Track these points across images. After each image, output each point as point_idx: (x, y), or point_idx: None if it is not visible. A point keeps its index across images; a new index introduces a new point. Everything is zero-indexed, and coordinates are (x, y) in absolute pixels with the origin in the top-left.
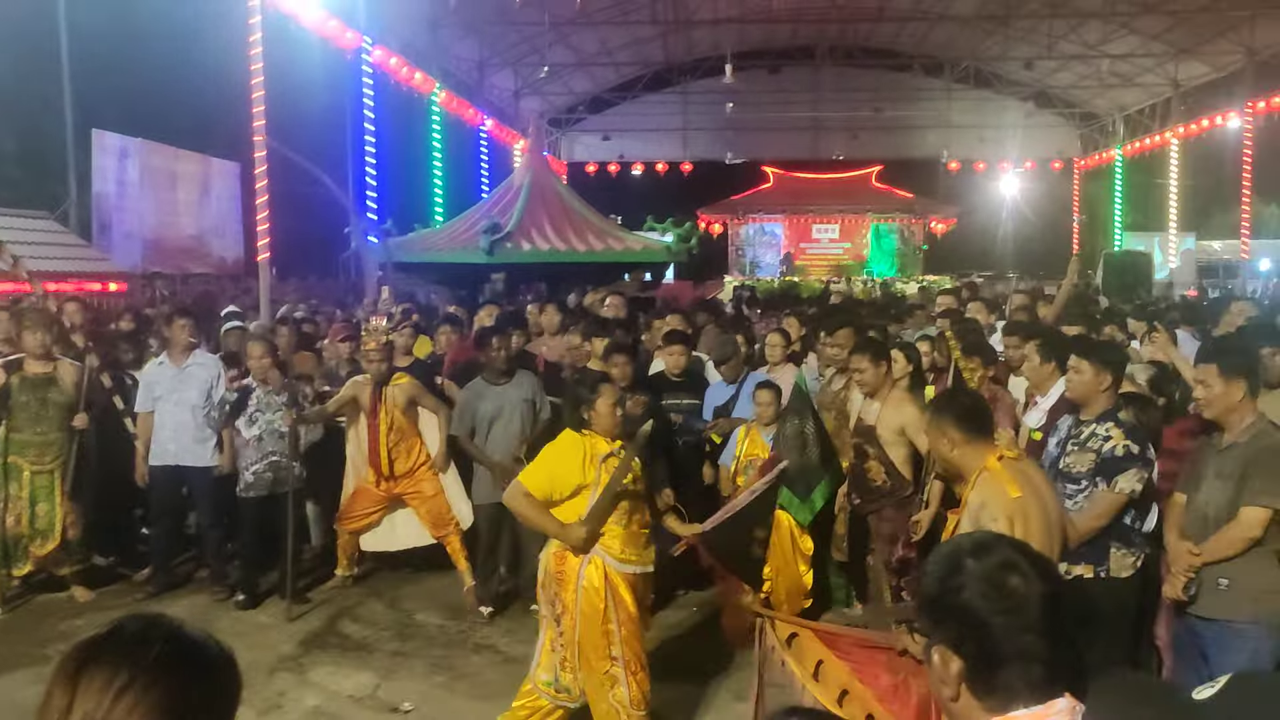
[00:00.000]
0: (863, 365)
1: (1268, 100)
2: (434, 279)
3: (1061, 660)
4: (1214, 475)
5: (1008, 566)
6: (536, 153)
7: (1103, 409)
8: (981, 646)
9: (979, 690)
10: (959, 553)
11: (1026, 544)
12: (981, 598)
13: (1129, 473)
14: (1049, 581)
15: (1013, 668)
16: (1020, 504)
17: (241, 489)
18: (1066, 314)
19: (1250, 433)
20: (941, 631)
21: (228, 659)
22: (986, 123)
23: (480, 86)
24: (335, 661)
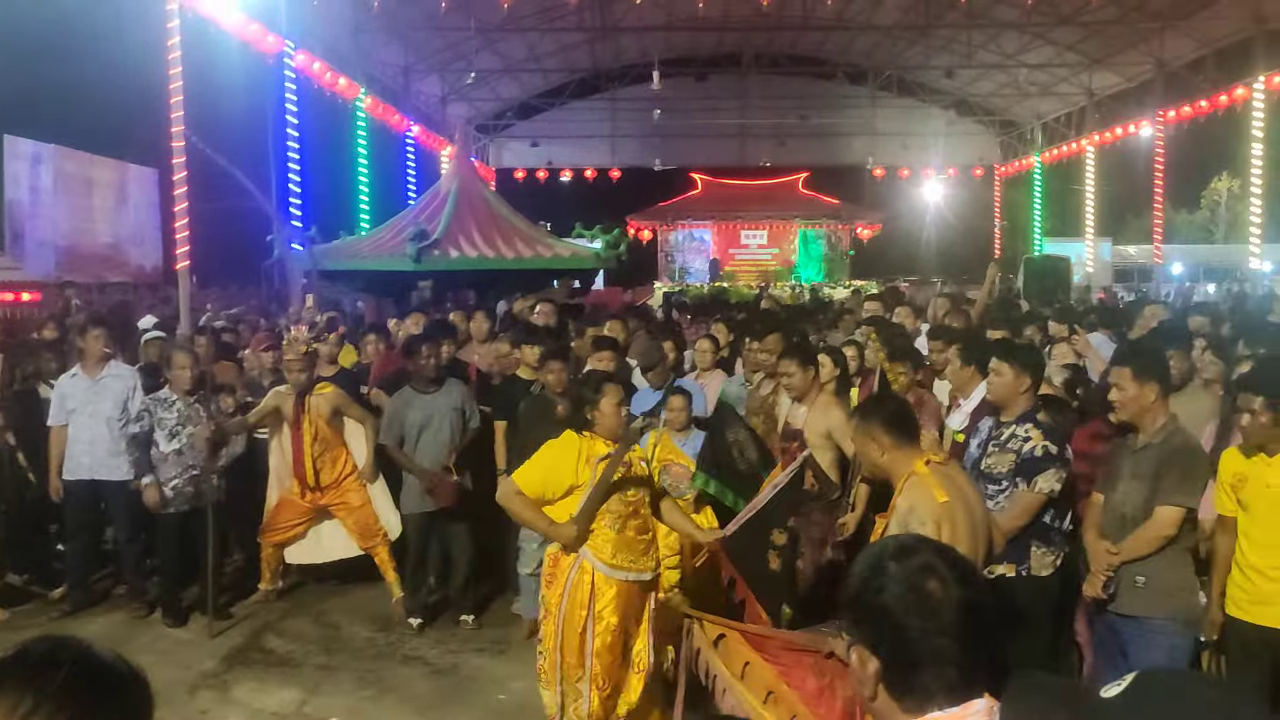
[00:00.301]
0: (791, 370)
1: (1177, 110)
2: (360, 287)
3: (978, 663)
4: (1130, 475)
5: (927, 570)
6: (464, 159)
7: (1022, 410)
8: (897, 648)
9: (895, 691)
10: (882, 555)
11: (949, 548)
12: (899, 600)
13: (1048, 473)
14: (968, 586)
15: (928, 670)
16: (947, 508)
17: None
18: (989, 318)
19: (1163, 434)
20: (860, 632)
21: (139, 680)
22: (910, 130)
23: (406, 92)
24: (259, 678)
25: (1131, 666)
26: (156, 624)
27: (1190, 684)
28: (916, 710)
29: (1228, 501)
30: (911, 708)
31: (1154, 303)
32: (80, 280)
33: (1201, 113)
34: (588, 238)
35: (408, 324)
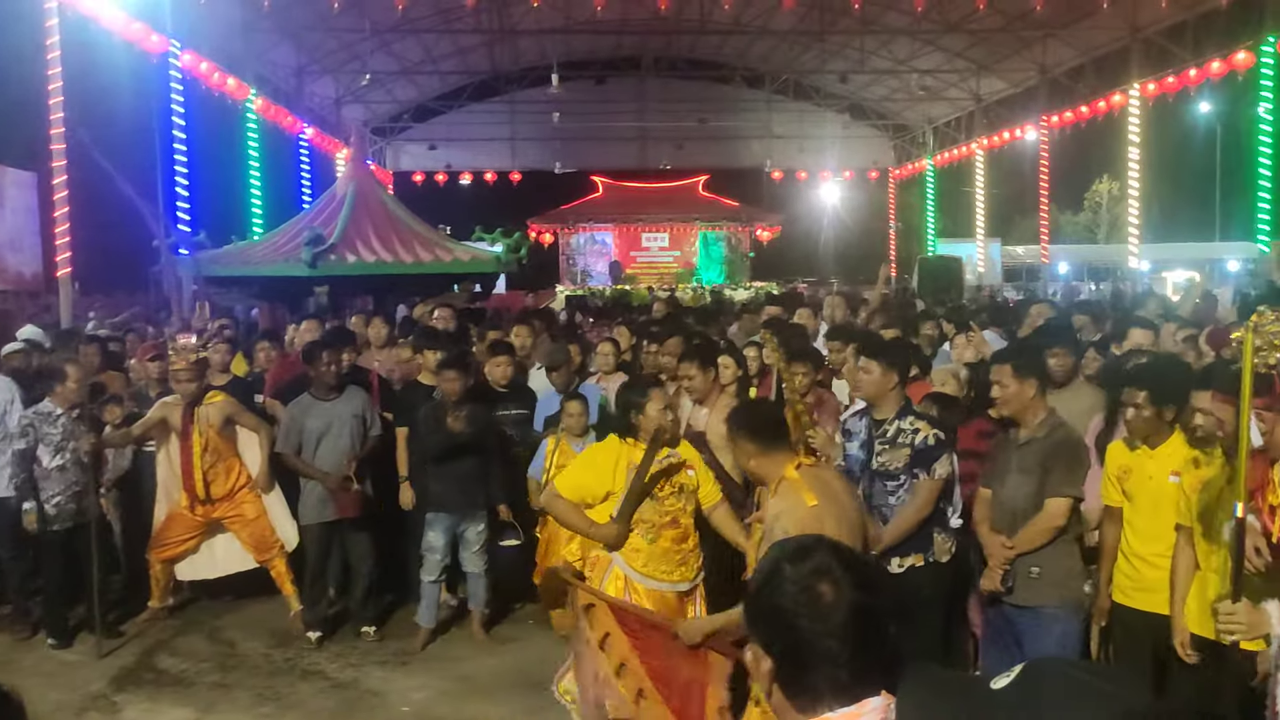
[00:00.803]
0: (691, 372)
1: (1060, 115)
2: (253, 293)
3: (870, 664)
4: (1016, 470)
5: (820, 573)
6: (359, 162)
7: (896, 406)
8: (789, 649)
9: (788, 690)
10: (780, 557)
11: (848, 551)
12: (791, 602)
13: (942, 459)
14: (861, 589)
15: (818, 671)
16: (815, 512)
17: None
18: (884, 318)
19: (1045, 428)
20: (756, 631)
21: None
22: (806, 133)
23: (299, 94)
24: (151, 698)
25: (1026, 655)
26: (41, 645)
27: (1076, 672)
28: (809, 709)
29: (1113, 492)
30: (804, 706)
31: (1040, 301)
32: None
33: (1082, 118)
34: (488, 241)
35: (302, 331)
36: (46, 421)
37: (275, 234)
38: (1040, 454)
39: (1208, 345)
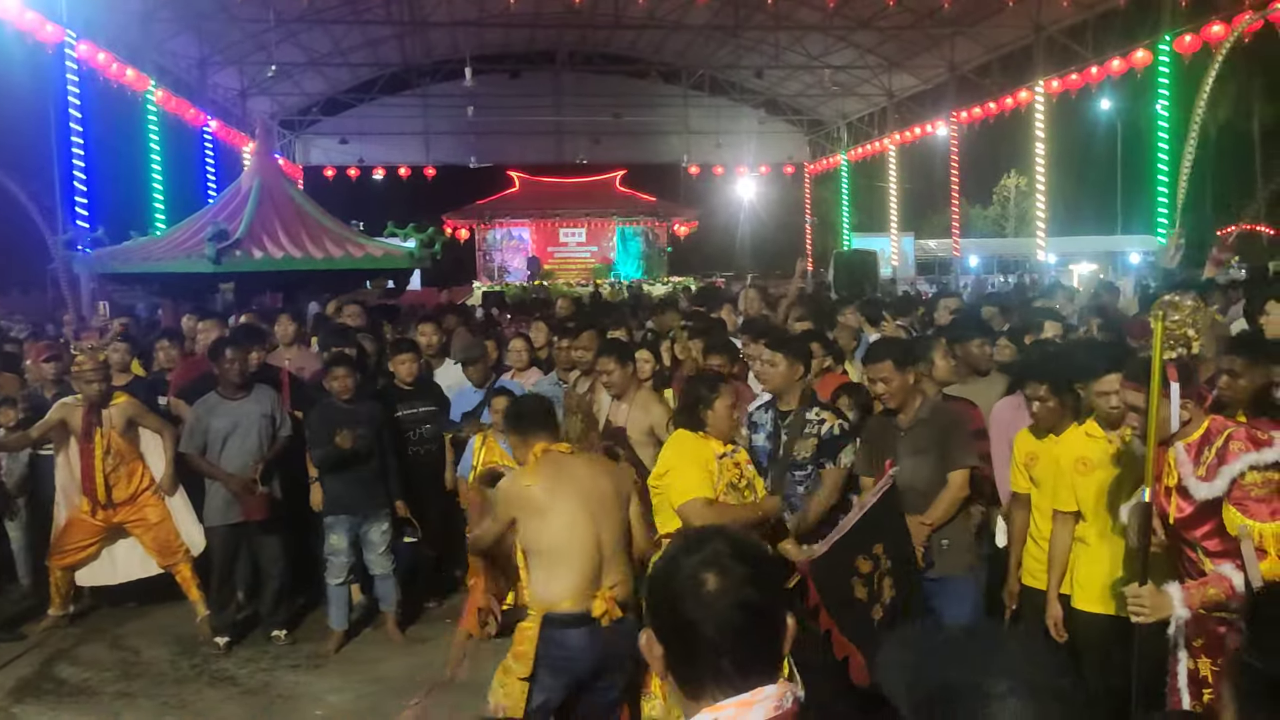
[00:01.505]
0: (610, 367)
1: (969, 111)
2: (155, 291)
3: (754, 655)
4: (911, 453)
5: (708, 563)
6: (265, 155)
7: (800, 397)
8: (674, 637)
9: (676, 676)
10: (678, 546)
11: (748, 545)
12: (678, 591)
13: (847, 448)
14: (750, 584)
15: (702, 659)
16: (529, 492)
17: None
18: (800, 310)
19: (926, 410)
20: (651, 618)
21: None
22: (723, 129)
23: (202, 85)
24: (51, 709)
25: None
26: None
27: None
28: (696, 695)
29: (1021, 479)
30: (691, 693)
31: (950, 295)
32: None
33: (991, 114)
34: (400, 237)
35: (203, 330)
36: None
37: (177, 229)
38: (933, 434)
39: (1129, 336)
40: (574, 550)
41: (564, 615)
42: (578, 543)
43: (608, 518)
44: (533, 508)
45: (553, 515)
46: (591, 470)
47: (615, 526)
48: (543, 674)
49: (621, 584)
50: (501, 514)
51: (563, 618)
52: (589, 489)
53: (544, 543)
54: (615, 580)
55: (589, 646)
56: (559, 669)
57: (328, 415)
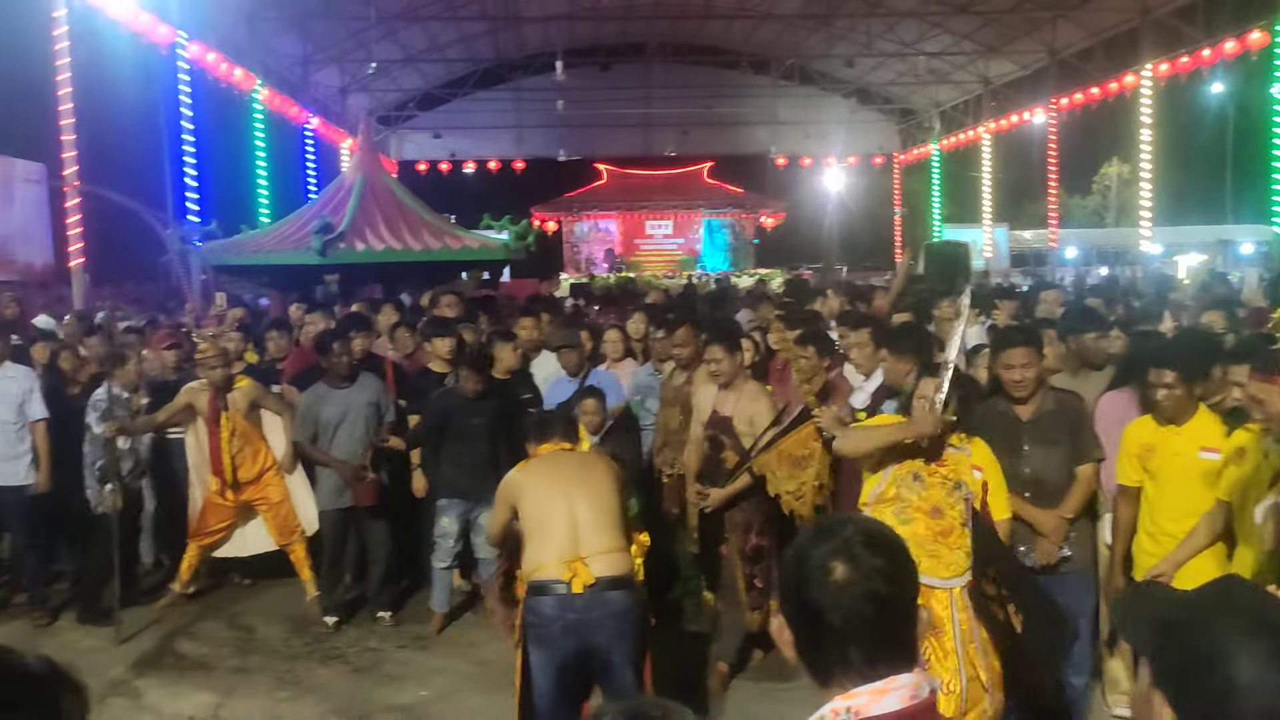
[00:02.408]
0: (718, 355)
1: (1069, 96)
2: (264, 282)
3: (882, 645)
4: (1035, 444)
5: (837, 552)
6: (367, 150)
7: None
8: (803, 624)
9: (805, 662)
10: (811, 534)
11: (879, 535)
12: (806, 579)
13: None
14: (879, 575)
15: (828, 647)
16: (515, 477)
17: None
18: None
19: (1053, 400)
20: (784, 605)
21: (57, 688)
22: (811, 119)
23: (305, 83)
24: (172, 683)
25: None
26: (61, 632)
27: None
28: (825, 683)
29: (1133, 471)
30: (821, 680)
31: (1051, 287)
32: None
33: (1093, 100)
34: (495, 229)
35: (310, 319)
36: (118, 404)
37: (284, 223)
38: (1060, 425)
39: (1251, 327)
40: (547, 522)
41: (537, 583)
42: (550, 514)
43: (582, 490)
44: (518, 491)
45: (530, 493)
46: (578, 459)
47: (593, 501)
48: (531, 647)
49: (606, 556)
50: (499, 503)
51: (536, 585)
52: (566, 470)
53: (526, 519)
54: (596, 551)
55: (559, 614)
56: (539, 638)
57: (448, 403)
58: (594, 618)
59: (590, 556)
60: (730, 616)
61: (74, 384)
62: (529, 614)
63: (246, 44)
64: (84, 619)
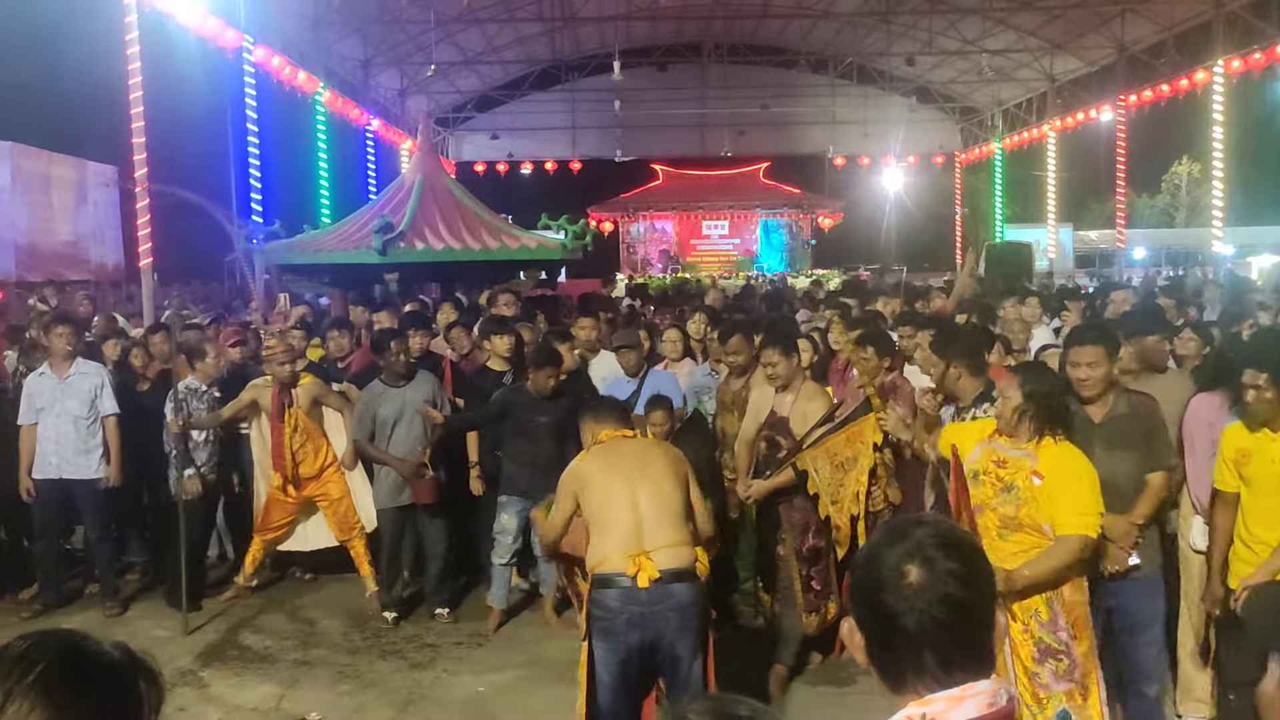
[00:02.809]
0: (774, 359)
1: (1138, 93)
2: (324, 281)
3: (956, 651)
4: (1107, 447)
5: (911, 554)
6: (427, 150)
7: (974, 394)
8: (875, 626)
9: (877, 666)
10: (883, 535)
11: (956, 538)
12: (879, 582)
13: None
14: (954, 578)
15: (901, 651)
16: (579, 466)
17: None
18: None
19: (1125, 403)
20: (852, 603)
21: (138, 672)
22: (870, 118)
23: (365, 86)
24: (236, 674)
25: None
26: (131, 621)
27: None
28: (897, 689)
29: (1229, 477)
30: (893, 686)
31: (1119, 288)
32: (39, 279)
33: (1162, 96)
34: (553, 229)
35: (377, 319)
36: (194, 396)
37: (345, 223)
38: (1133, 429)
39: None
40: (611, 514)
41: (602, 575)
42: (614, 506)
43: (646, 482)
44: (582, 481)
45: (595, 484)
46: (641, 447)
47: (657, 492)
48: (596, 640)
49: (670, 549)
50: (562, 495)
51: (601, 578)
52: (631, 460)
53: (590, 510)
54: (660, 545)
55: (623, 608)
56: (604, 631)
57: (511, 399)
58: (658, 611)
59: (655, 550)
60: (788, 619)
61: (144, 380)
62: (594, 606)
63: (310, 48)
64: (172, 603)
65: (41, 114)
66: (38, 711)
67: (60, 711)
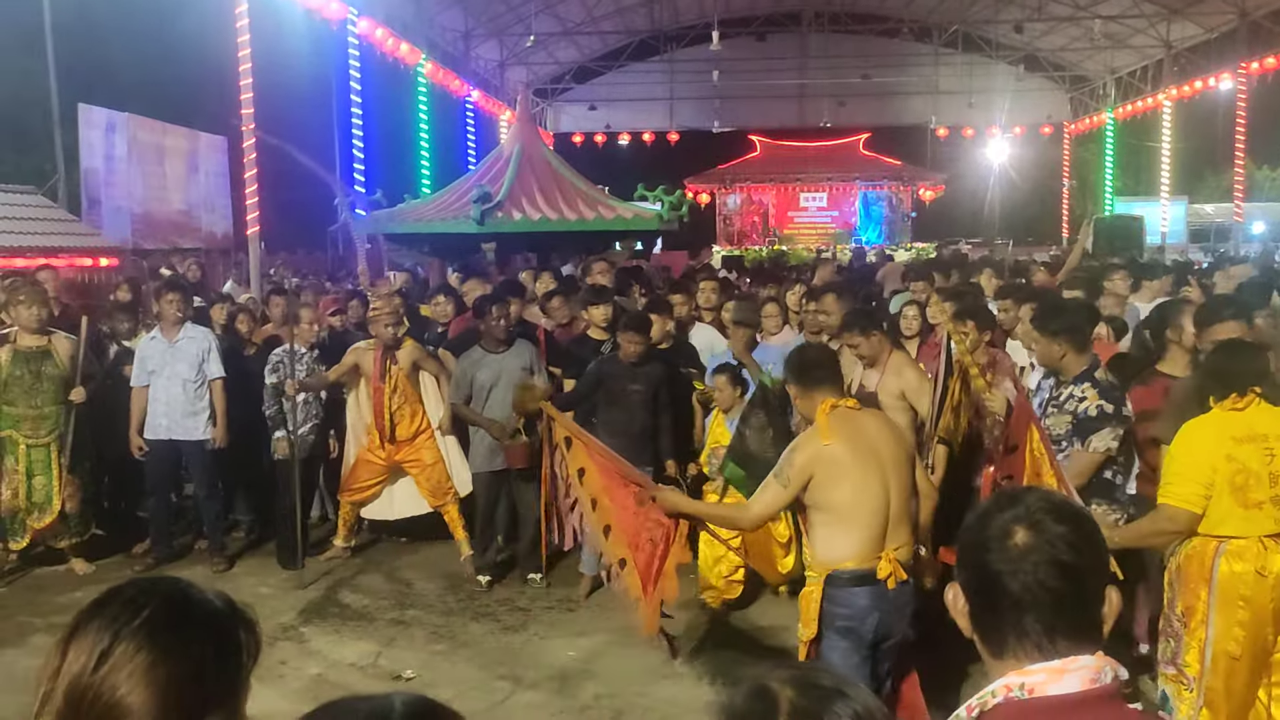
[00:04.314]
0: (854, 341)
1: (1261, 61)
2: (425, 250)
3: (1061, 620)
4: None
5: (1020, 519)
6: (525, 121)
7: (1076, 371)
8: (979, 588)
9: (979, 630)
10: (994, 499)
11: (1065, 506)
12: (987, 542)
13: (1103, 432)
14: (1063, 543)
15: (1005, 616)
16: (828, 450)
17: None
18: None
19: None
20: (958, 568)
21: (238, 621)
22: (975, 88)
23: (466, 57)
24: (336, 630)
25: None
26: (238, 577)
27: None
28: (997, 654)
29: None
30: (994, 650)
31: (1237, 261)
32: (154, 247)
33: None
34: (650, 199)
35: (468, 286)
36: (291, 359)
37: (444, 193)
38: None
39: None
40: (864, 509)
41: (847, 574)
42: (869, 502)
43: (896, 477)
44: (832, 467)
45: (848, 474)
46: (880, 427)
47: (903, 487)
48: (829, 635)
49: (905, 546)
50: (798, 476)
51: (846, 576)
52: (880, 447)
53: (835, 501)
54: (900, 542)
55: (873, 607)
56: (844, 630)
57: (604, 369)
58: (900, 610)
59: (898, 548)
60: None
61: (250, 345)
62: (836, 605)
63: (412, 20)
64: (277, 561)
65: (156, 87)
66: (143, 654)
67: (164, 654)
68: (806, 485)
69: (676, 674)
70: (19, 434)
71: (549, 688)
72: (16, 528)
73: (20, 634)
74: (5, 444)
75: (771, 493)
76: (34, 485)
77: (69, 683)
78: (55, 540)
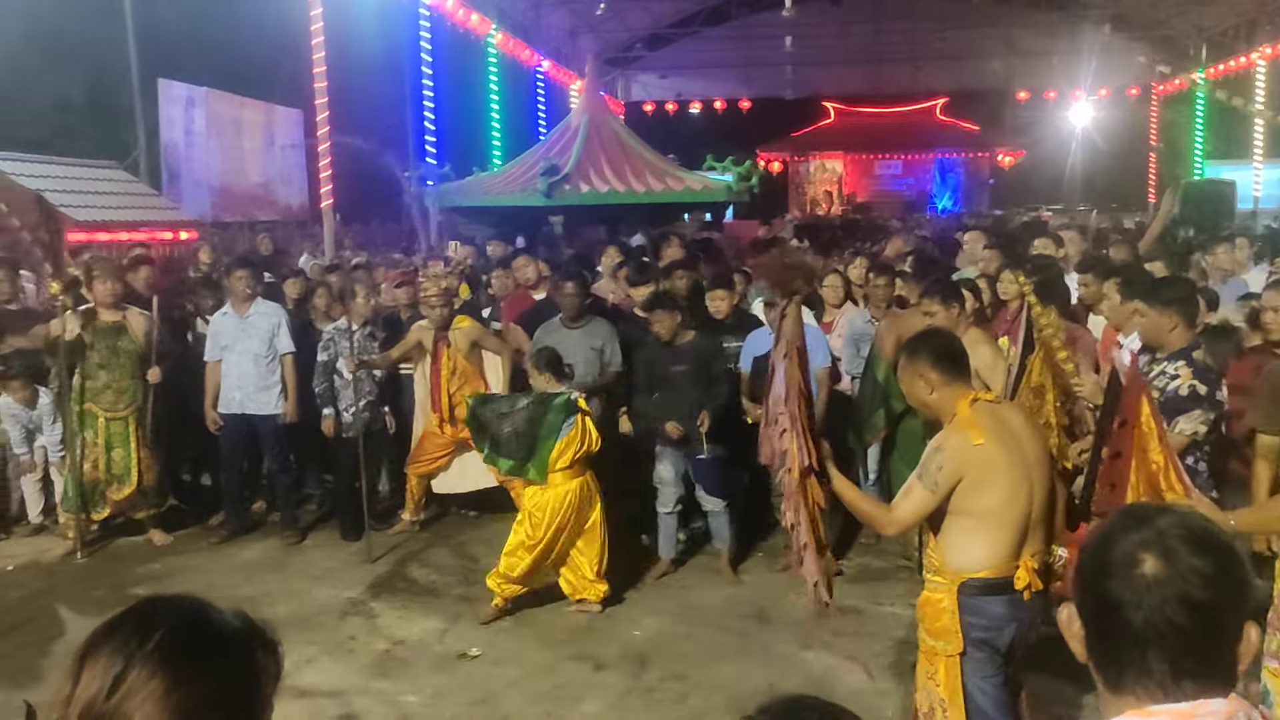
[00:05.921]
0: (934, 309)
1: None
2: (492, 223)
3: (1194, 659)
4: None
5: (1149, 544)
6: (593, 92)
7: (1177, 347)
8: (1096, 615)
9: (1095, 659)
10: (1122, 516)
11: (1200, 528)
12: (1109, 568)
13: (1192, 414)
14: (1198, 578)
15: (1123, 648)
16: (980, 452)
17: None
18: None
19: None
20: (1077, 593)
21: (258, 644)
22: (1058, 49)
23: (537, 26)
24: (404, 605)
25: None
26: (309, 550)
27: None
28: (1115, 689)
29: None
30: (1112, 685)
31: None
32: (232, 220)
33: None
34: (718, 170)
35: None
36: (344, 336)
37: (512, 165)
38: None
39: None
40: (1007, 516)
41: (982, 582)
42: (1015, 508)
43: (1041, 478)
44: (984, 470)
45: (1001, 477)
46: (1023, 423)
47: (1046, 488)
48: (974, 651)
49: (1039, 554)
50: (947, 480)
51: (981, 584)
52: (1025, 444)
53: (983, 507)
54: (1036, 548)
55: (1009, 618)
56: (984, 642)
57: (649, 354)
58: (1033, 621)
59: (1034, 554)
60: None
61: (325, 319)
62: (974, 615)
63: None
64: (346, 535)
65: (232, 62)
66: (156, 680)
67: (177, 681)
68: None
69: (742, 654)
70: (98, 407)
71: (617, 668)
72: (97, 499)
73: (101, 604)
74: (85, 417)
75: (916, 498)
76: (113, 458)
77: (81, 710)
78: (134, 511)
